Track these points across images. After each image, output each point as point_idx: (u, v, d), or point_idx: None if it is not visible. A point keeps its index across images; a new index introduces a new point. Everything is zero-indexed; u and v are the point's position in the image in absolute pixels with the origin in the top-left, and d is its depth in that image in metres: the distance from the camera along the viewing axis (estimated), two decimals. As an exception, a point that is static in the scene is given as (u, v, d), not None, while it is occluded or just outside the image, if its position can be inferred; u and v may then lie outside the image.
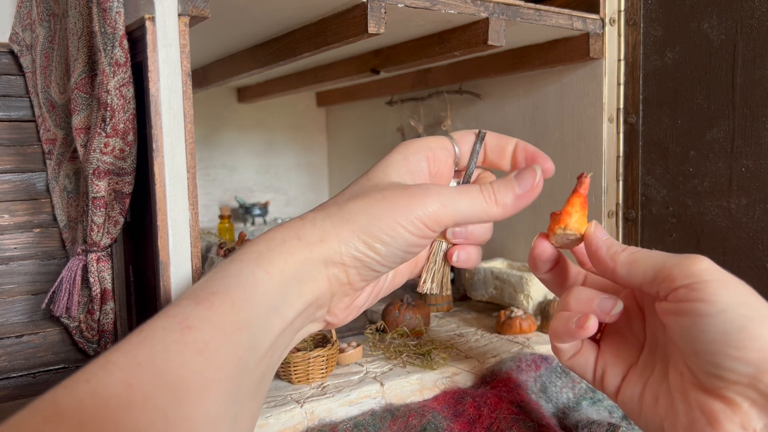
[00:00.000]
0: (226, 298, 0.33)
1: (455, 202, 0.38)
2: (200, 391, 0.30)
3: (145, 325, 0.31)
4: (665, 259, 0.36)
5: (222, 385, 0.31)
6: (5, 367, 0.61)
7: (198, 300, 0.33)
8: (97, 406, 0.27)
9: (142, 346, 0.30)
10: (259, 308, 0.34)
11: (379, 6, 0.53)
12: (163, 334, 0.31)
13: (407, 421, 0.49)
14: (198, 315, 0.32)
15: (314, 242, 0.36)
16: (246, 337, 0.33)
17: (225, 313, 0.32)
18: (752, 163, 0.58)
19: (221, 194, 1.19)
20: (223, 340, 0.32)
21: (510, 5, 0.60)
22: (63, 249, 0.69)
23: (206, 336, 0.31)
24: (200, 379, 0.30)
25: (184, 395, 0.29)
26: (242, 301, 0.33)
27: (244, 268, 0.35)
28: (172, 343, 0.30)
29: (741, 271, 0.60)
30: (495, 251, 0.87)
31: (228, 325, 0.32)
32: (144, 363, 0.29)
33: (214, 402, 0.30)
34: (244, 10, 0.57)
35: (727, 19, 0.59)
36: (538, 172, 0.41)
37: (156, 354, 0.29)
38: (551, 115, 0.77)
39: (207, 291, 0.33)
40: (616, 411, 0.53)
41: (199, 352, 0.30)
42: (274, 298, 0.35)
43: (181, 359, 0.30)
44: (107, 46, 0.47)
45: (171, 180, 0.45)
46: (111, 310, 0.56)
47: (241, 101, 1.17)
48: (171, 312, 0.32)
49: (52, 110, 0.64)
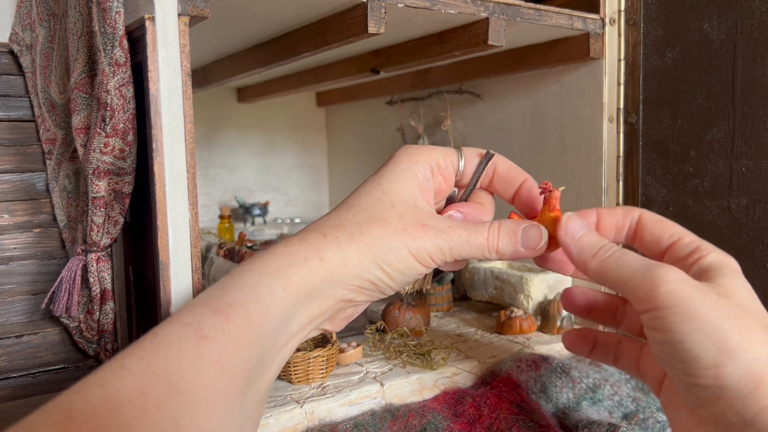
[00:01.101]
0: (242, 311, 0.33)
1: (462, 247, 0.39)
2: (210, 402, 0.30)
3: (158, 330, 0.31)
4: (632, 274, 0.36)
5: (231, 396, 0.31)
6: (5, 367, 0.61)
7: (214, 309, 0.32)
8: (110, 411, 0.27)
9: (156, 353, 0.30)
10: (272, 323, 0.34)
11: (379, 6, 0.53)
12: (178, 342, 0.31)
13: (407, 421, 0.49)
14: (213, 325, 0.32)
15: (337, 265, 0.36)
16: (257, 352, 0.33)
17: (240, 326, 0.32)
18: (752, 163, 0.58)
19: (221, 194, 1.19)
20: (236, 353, 0.32)
21: (510, 5, 0.60)
22: (63, 249, 0.69)
23: (221, 348, 0.31)
24: (211, 391, 0.30)
25: (196, 405, 0.29)
26: (258, 316, 0.33)
27: (262, 281, 0.35)
28: (187, 352, 0.30)
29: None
30: (495, 251, 0.87)
31: (243, 339, 0.32)
32: (158, 370, 0.29)
33: (222, 413, 0.31)
34: (244, 9, 0.57)
35: (727, 19, 0.59)
36: (545, 235, 0.41)
37: (170, 362, 0.30)
38: (551, 115, 0.77)
39: (223, 301, 0.33)
40: (617, 411, 0.53)
41: (213, 364, 0.30)
42: (285, 314, 0.35)
43: (194, 369, 0.30)
44: (107, 46, 0.47)
45: (171, 180, 0.45)
46: (111, 310, 0.56)
47: (241, 101, 1.17)
48: (186, 319, 0.32)
49: (52, 110, 0.64)
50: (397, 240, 0.37)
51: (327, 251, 0.37)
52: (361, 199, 0.40)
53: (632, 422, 0.50)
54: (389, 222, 0.38)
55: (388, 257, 0.37)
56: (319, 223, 0.39)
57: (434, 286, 0.85)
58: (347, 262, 0.37)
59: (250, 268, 0.35)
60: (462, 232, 0.39)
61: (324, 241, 0.37)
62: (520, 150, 0.82)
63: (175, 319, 0.32)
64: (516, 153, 0.83)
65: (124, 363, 0.29)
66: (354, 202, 0.39)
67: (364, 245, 0.37)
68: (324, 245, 0.37)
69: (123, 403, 0.27)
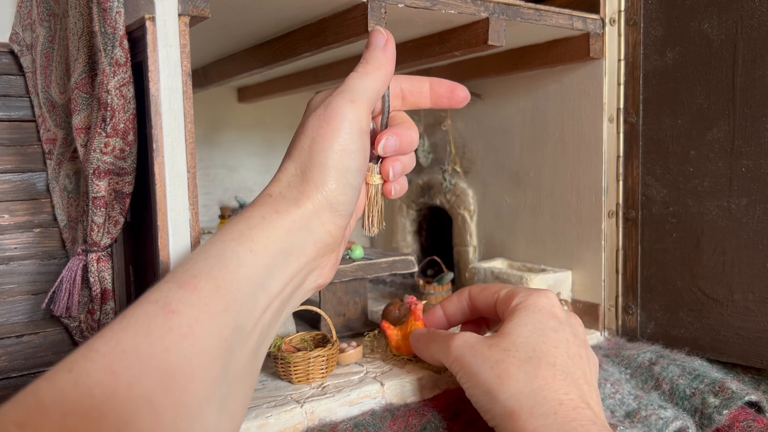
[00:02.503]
0: (209, 280, 0.32)
1: (360, 86, 0.41)
2: (186, 376, 0.29)
3: (126, 311, 0.31)
4: (437, 349, 0.50)
5: (208, 368, 0.30)
6: (5, 367, 0.61)
7: (180, 283, 0.32)
8: (80, 395, 0.26)
9: (125, 332, 0.29)
10: (244, 288, 0.33)
11: (379, 6, 0.53)
12: (146, 319, 0.30)
13: (407, 421, 0.49)
14: (181, 299, 0.31)
15: (293, 210, 0.37)
16: (231, 318, 0.32)
17: (209, 295, 0.32)
18: (752, 163, 0.58)
19: (221, 194, 1.19)
20: (208, 323, 0.31)
21: (510, 5, 0.60)
22: (63, 249, 0.69)
23: (191, 320, 0.30)
24: (186, 364, 0.29)
25: (170, 381, 0.29)
26: (226, 282, 0.33)
27: (226, 248, 0.34)
28: (156, 329, 0.29)
29: (741, 271, 0.60)
30: (495, 251, 0.87)
31: (213, 308, 0.32)
32: (127, 350, 0.28)
33: (201, 385, 0.30)
34: (244, 10, 0.57)
35: (727, 19, 0.59)
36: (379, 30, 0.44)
37: (140, 340, 0.29)
38: (551, 115, 0.77)
39: (189, 274, 0.33)
40: (618, 410, 0.53)
41: (184, 337, 0.30)
42: (259, 276, 0.35)
43: (165, 344, 0.29)
44: (107, 46, 0.47)
45: (171, 180, 0.45)
46: (111, 310, 0.56)
47: (241, 101, 1.17)
48: (153, 297, 0.31)
49: (53, 110, 0.64)
50: (320, 153, 0.38)
51: (279, 204, 0.37)
52: (291, 151, 0.41)
53: (634, 420, 0.50)
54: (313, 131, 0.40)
55: (323, 170, 0.38)
56: (263, 190, 0.40)
57: (434, 287, 0.85)
58: (299, 202, 0.38)
59: (212, 240, 0.36)
60: (353, 82, 0.42)
61: (271, 198, 0.38)
62: (520, 150, 0.82)
63: (143, 299, 0.32)
64: (516, 153, 0.83)
65: (93, 346, 0.29)
66: (286, 164, 0.41)
67: (301, 180, 0.38)
68: (273, 201, 0.38)
69: (92, 385, 0.27)
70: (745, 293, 0.60)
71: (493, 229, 0.88)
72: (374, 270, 0.70)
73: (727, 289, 0.61)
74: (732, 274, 0.60)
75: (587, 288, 0.74)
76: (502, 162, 0.85)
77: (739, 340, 0.61)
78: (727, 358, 0.61)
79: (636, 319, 0.69)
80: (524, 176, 0.82)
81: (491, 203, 0.88)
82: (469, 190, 0.91)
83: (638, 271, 0.68)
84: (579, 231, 0.75)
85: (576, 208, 0.75)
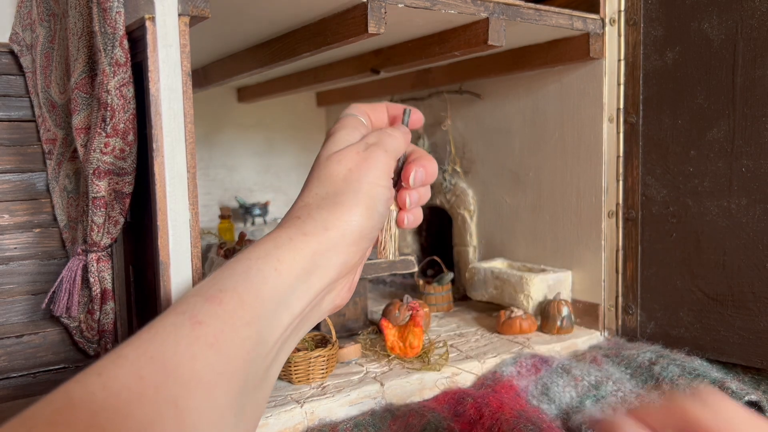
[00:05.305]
0: (234, 295, 0.34)
1: (393, 146, 0.42)
2: (210, 383, 0.31)
3: (154, 321, 0.32)
4: None
5: (231, 377, 0.32)
6: (5, 367, 0.61)
7: (206, 297, 0.34)
8: (108, 397, 0.28)
9: (152, 340, 0.31)
10: (267, 304, 0.35)
11: (379, 6, 0.53)
12: (173, 329, 0.32)
13: (407, 421, 0.49)
14: (207, 311, 0.33)
15: (321, 233, 0.38)
16: (254, 332, 0.34)
17: (234, 309, 0.33)
18: (752, 163, 0.58)
19: (221, 194, 1.18)
20: (232, 334, 0.33)
21: (510, 5, 0.60)
22: (63, 249, 0.69)
23: (216, 330, 0.32)
24: (210, 372, 0.31)
25: (195, 387, 0.30)
26: (251, 298, 0.34)
27: (252, 266, 0.36)
28: (183, 338, 0.31)
29: (741, 271, 0.60)
30: (495, 251, 0.87)
31: (237, 321, 0.33)
32: (155, 356, 0.30)
33: (223, 394, 0.31)
34: (244, 10, 0.57)
35: (727, 19, 0.59)
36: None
37: (167, 348, 0.30)
38: (551, 115, 0.77)
39: (215, 288, 0.34)
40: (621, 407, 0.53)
41: (210, 346, 0.31)
42: (282, 294, 0.36)
43: (191, 352, 0.31)
44: (107, 46, 0.47)
45: (171, 180, 0.45)
46: (111, 310, 0.56)
47: (241, 101, 1.17)
48: (180, 309, 0.33)
49: (52, 110, 0.64)
50: (355, 182, 0.40)
51: (307, 226, 0.39)
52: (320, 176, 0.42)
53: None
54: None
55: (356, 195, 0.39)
56: (289, 212, 0.41)
57: (434, 287, 0.85)
58: (328, 225, 0.39)
59: (238, 258, 0.37)
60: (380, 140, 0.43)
61: (299, 221, 0.39)
62: (520, 150, 0.82)
63: (170, 310, 0.33)
64: (516, 153, 0.83)
65: (122, 352, 0.30)
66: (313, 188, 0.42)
67: (333, 204, 0.40)
68: (301, 223, 0.39)
69: (120, 388, 0.28)
70: (745, 293, 0.60)
71: (493, 229, 0.88)
72: (374, 270, 0.70)
73: (727, 289, 0.61)
74: (732, 274, 0.60)
75: (587, 288, 0.74)
76: (502, 162, 0.85)
77: (739, 340, 0.61)
78: (727, 357, 0.61)
79: (636, 319, 0.69)
80: (524, 176, 0.82)
81: (491, 203, 0.88)
82: (469, 190, 0.91)
83: (638, 271, 0.68)
84: (579, 231, 0.75)
85: (576, 208, 0.75)
